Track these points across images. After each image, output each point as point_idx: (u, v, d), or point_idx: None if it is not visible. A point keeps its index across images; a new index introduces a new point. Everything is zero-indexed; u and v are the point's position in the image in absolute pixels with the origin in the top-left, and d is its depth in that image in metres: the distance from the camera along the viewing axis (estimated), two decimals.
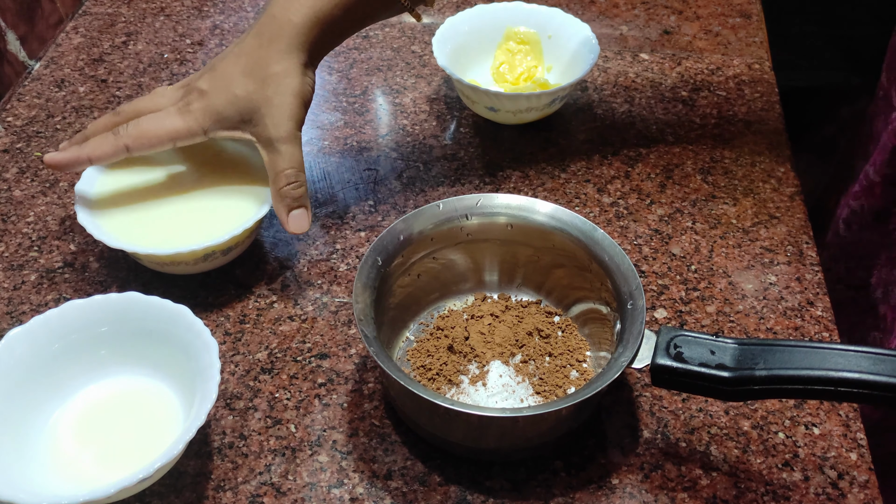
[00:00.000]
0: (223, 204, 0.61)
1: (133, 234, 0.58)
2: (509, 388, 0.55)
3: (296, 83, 0.57)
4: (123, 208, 0.60)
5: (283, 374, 0.57)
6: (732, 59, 0.84)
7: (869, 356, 0.43)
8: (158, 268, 0.60)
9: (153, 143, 0.57)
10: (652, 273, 0.64)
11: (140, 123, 0.57)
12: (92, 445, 0.51)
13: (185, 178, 0.63)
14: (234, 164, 0.63)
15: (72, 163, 0.58)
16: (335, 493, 0.51)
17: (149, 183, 0.62)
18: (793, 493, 0.51)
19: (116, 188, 0.61)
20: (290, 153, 0.57)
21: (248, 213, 0.59)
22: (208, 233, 0.58)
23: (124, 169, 0.62)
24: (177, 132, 0.57)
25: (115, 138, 0.57)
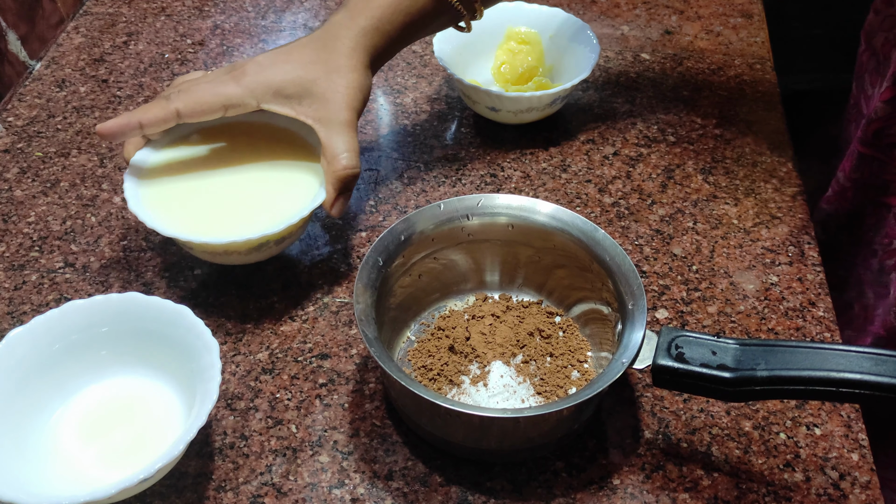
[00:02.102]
0: (277, 192, 0.59)
1: (185, 223, 0.56)
2: (510, 388, 0.54)
3: (360, 78, 0.58)
4: (174, 196, 0.58)
5: (284, 375, 0.57)
6: (734, 59, 0.84)
7: (870, 357, 0.43)
8: (209, 258, 0.59)
9: (205, 109, 0.56)
10: (653, 273, 0.63)
11: (192, 89, 0.56)
12: (93, 446, 0.51)
13: (235, 164, 0.61)
14: (285, 150, 0.62)
15: (122, 128, 0.56)
16: (336, 494, 0.51)
17: (198, 169, 0.60)
18: (794, 493, 0.51)
19: (166, 175, 0.59)
20: (349, 137, 0.57)
21: (302, 201, 0.58)
22: (262, 221, 0.56)
23: (173, 155, 0.61)
24: (229, 99, 0.56)
25: (167, 102, 0.56)
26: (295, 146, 0.62)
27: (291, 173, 0.60)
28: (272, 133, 0.63)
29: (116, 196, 0.70)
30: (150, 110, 0.56)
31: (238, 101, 0.56)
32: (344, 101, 0.57)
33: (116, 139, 0.57)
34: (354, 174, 0.57)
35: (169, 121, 0.56)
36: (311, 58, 0.57)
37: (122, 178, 0.71)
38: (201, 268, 0.64)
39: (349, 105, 0.57)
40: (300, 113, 0.58)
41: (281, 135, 0.63)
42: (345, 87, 0.57)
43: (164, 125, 0.57)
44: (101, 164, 0.72)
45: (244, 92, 0.56)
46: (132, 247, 0.65)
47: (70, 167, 0.72)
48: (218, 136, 0.62)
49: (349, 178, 0.57)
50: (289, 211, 0.57)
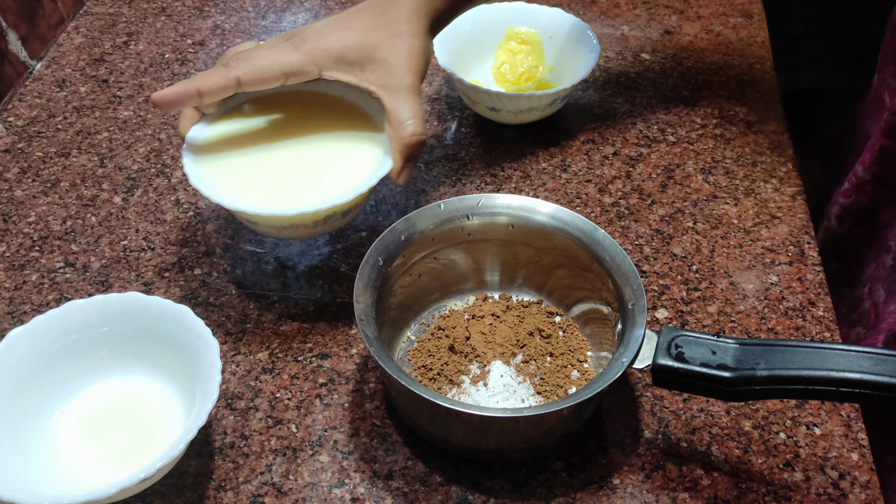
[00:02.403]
0: (340, 162, 0.57)
1: (250, 197, 0.54)
2: (510, 388, 0.54)
3: (422, 43, 0.57)
4: (235, 169, 0.56)
5: (284, 374, 0.57)
6: (734, 59, 0.84)
7: (870, 356, 0.43)
8: (274, 232, 0.58)
9: (265, 77, 0.54)
10: (653, 273, 0.64)
11: (251, 56, 0.54)
12: (93, 445, 0.51)
13: (293, 136, 0.59)
14: (343, 119, 0.60)
15: (180, 97, 0.53)
16: (336, 493, 0.51)
17: (257, 142, 0.58)
18: (794, 493, 0.51)
19: (224, 148, 0.57)
20: (414, 103, 0.55)
21: (367, 170, 0.56)
22: (328, 193, 0.54)
23: (229, 128, 0.59)
24: (290, 66, 0.54)
25: (226, 70, 0.54)
26: (351, 115, 0.60)
27: (352, 143, 0.58)
28: (327, 102, 0.61)
29: (117, 196, 0.70)
30: (209, 78, 0.53)
31: (299, 69, 0.54)
32: (407, 67, 0.55)
33: (173, 108, 0.54)
34: (421, 141, 0.55)
35: (228, 89, 0.54)
36: (371, 23, 0.56)
37: (121, 178, 0.71)
38: (201, 267, 0.64)
39: (413, 70, 0.55)
40: (363, 80, 0.56)
41: (336, 104, 0.61)
42: (407, 52, 0.55)
43: (223, 94, 0.54)
44: (101, 164, 0.72)
45: (305, 59, 0.54)
46: (132, 247, 0.65)
47: (70, 167, 0.72)
48: (272, 108, 0.60)
49: (416, 145, 0.55)
50: (356, 181, 0.55)
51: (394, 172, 0.56)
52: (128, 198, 0.69)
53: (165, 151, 0.74)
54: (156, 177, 0.71)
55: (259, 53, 0.54)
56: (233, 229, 0.67)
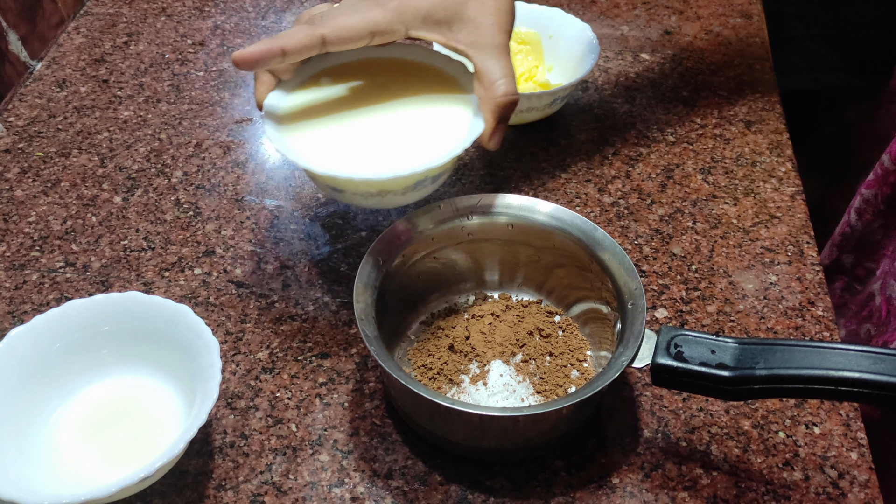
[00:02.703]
0: (426, 126, 0.55)
1: (337, 162, 0.52)
2: (510, 387, 0.55)
3: (508, 2, 0.55)
4: (320, 137, 0.54)
5: (284, 374, 0.57)
6: (733, 60, 0.84)
7: (869, 356, 0.43)
8: (360, 200, 0.55)
9: (351, 36, 0.51)
10: (652, 273, 0.64)
11: (335, 15, 0.52)
12: (93, 444, 0.51)
13: (375, 102, 0.57)
14: (423, 84, 0.58)
15: (263, 55, 0.51)
16: (336, 493, 0.51)
17: (340, 110, 0.56)
18: (793, 492, 0.51)
19: (307, 117, 0.55)
20: (505, 62, 0.53)
21: (456, 133, 0.54)
22: (420, 157, 0.52)
23: (309, 97, 0.57)
24: (377, 24, 0.52)
25: (311, 28, 0.51)
26: (433, 78, 0.58)
27: (438, 106, 0.56)
28: (405, 67, 0.59)
29: (117, 196, 0.70)
30: (293, 36, 0.51)
31: (386, 28, 0.52)
32: (497, 24, 0.53)
33: (256, 67, 0.51)
34: (514, 101, 0.53)
35: (313, 48, 0.51)
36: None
37: (122, 178, 0.71)
38: (201, 267, 0.64)
39: (502, 28, 0.53)
40: (451, 39, 0.54)
41: (414, 68, 0.59)
42: (496, 9, 0.53)
43: (307, 53, 0.51)
44: (101, 163, 0.72)
45: (392, 17, 0.52)
46: (132, 246, 0.65)
47: (70, 167, 0.72)
48: (350, 76, 0.58)
49: (509, 105, 0.53)
50: (447, 144, 0.53)
51: (485, 135, 0.53)
52: (128, 197, 0.69)
53: (165, 151, 0.74)
54: (156, 177, 0.71)
55: (343, 12, 0.52)
56: (233, 229, 0.67)
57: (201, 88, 0.80)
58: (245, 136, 0.75)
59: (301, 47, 0.51)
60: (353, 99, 0.57)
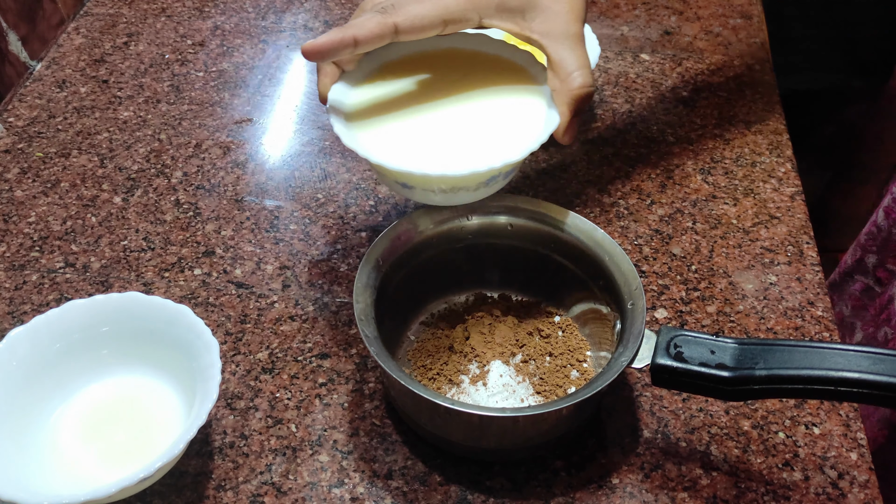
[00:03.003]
0: (498, 119, 0.53)
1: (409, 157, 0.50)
2: (510, 387, 0.55)
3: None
4: (389, 132, 0.52)
5: (284, 374, 0.57)
6: (733, 60, 0.84)
7: (869, 356, 0.43)
8: (431, 196, 0.53)
9: (424, 25, 0.49)
10: (652, 273, 0.64)
11: (406, 3, 0.50)
12: (93, 445, 0.51)
13: (444, 96, 0.55)
14: (491, 75, 0.56)
15: (335, 45, 0.49)
16: (336, 493, 0.51)
17: (408, 104, 0.54)
18: (793, 492, 0.51)
19: (374, 112, 0.54)
20: (581, 52, 0.51)
21: (530, 126, 0.52)
22: (494, 151, 0.50)
23: (374, 91, 0.55)
24: (450, 13, 0.50)
25: (383, 17, 0.49)
26: (501, 69, 0.56)
27: (509, 98, 0.54)
28: (470, 58, 0.57)
29: (117, 196, 0.70)
30: (364, 26, 0.49)
31: (459, 16, 0.50)
32: (572, 13, 0.51)
33: (326, 58, 0.49)
34: (591, 93, 0.51)
35: (385, 37, 0.49)
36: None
37: (121, 178, 0.71)
38: (201, 267, 0.64)
39: (577, 16, 0.51)
40: (524, 28, 0.51)
41: (480, 59, 0.57)
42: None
43: (378, 42, 0.49)
44: (101, 164, 0.72)
45: (466, 5, 0.50)
46: (132, 247, 0.65)
47: (70, 167, 0.72)
48: (415, 69, 0.56)
49: (585, 97, 0.51)
50: (521, 137, 0.51)
51: (561, 128, 0.51)
52: (128, 198, 0.70)
53: (165, 152, 0.74)
54: (156, 177, 0.71)
55: (415, 1, 0.50)
56: (233, 229, 0.67)
57: (201, 89, 0.80)
58: (245, 136, 0.75)
59: (373, 36, 0.49)
60: (421, 92, 0.55)
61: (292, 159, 0.73)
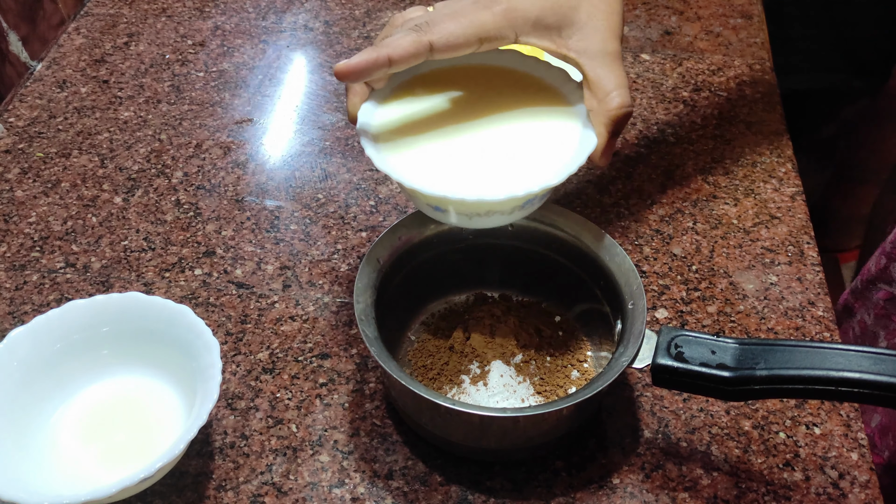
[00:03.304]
0: (533, 140, 0.51)
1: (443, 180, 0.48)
2: (510, 387, 0.55)
3: (619, 5, 0.51)
4: (423, 153, 0.50)
5: (285, 374, 0.57)
6: (733, 60, 0.84)
7: (869, 356, 0.43)
8: (465, 221, 0.51)
9: (459, 43, 0.47)
10: (653, 273, 0.64)
11: (440, 20, 0.48)
12: (93, 445, 0.51)
13: (477, 114, 0.52)
14: (524, 94, 0.54)
15: (369, 66, 0.47)
16: (336, 493, 0.51)
17: (440, 123, 0.52)
18: (794, 493, 0.51)
19: (405, 132, 0.51)
20: (619, 71, 0.50)
21: (567, 145, 0.50)
22: (529, 174, 0.48)
23: (404, 109, 0.52)
24: (486, 30, 0.48)
25: (417, 35, 0.47)
26: (533, 87, 0.54)
27: (543, 117, 0.52)
28: (503, 75, 0.55)
29: (117, 196, 0.70)
30: (399, 44, 0.47)
31: (496, 34, 0.48)
32: (609, 30, 0.49)
33: (360, 78, 0.48)
34: (629, 113, 0.49)
35: (420, 56, 0.47)
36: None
37: (122, 178, 0.71)
38: (201, 268, 0.64)
39: (615, 34, 0.50)
40: (561, 45, 0.50)
41: (513, 76, 0.55)
42: (607, 14, 0.50)
43: (413, 62, 0.48)
44: (101, 164, 0.72)
45: (502, 22, 0.48)
46: (132, 247, 0.65)
47: (71, 168, 0.72)
48: (445, 85, 0.54)
49: (624, 117, 0.49)
50: (559, 159, 0.49)
51: (598, 150, 0.49)
52: (128, 198, 0.70)
53: (166, 152, 0.74)
54: (156, 177, 0.71)
55: (448, 16, 0.48)
56: (233, 229, 0.67)
57: (201, 89, 0.80)
58: (245, 136, 0.75)
59: (408, 55, 0.47)
60: (452, 111, 0.53)
61: (293, 159, 0.73)
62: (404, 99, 0.53)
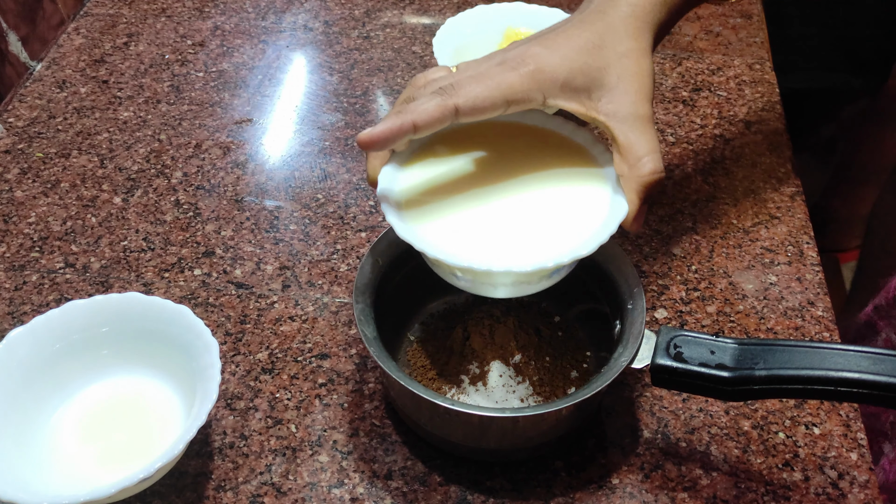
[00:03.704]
0: (564, 205, 0.49)
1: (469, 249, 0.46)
2: (509, 388, 0.55)
3: (650, 66, 0.49)
4: (447, 218, 0.48)
5: (284, 375, 0.57)
6: (733, 60, 0.84)
7: (869, 356, 0.43)
8: (490, 290, 0.49)
9: (486, 106, 0.46)
10: (652, 273, 0.64)
11: (466, 82, 0.46)
12: (93, 445, 0.51)
13: (501, 177, 0.50)
14: (550, 154, 0.52)
15: (394, 134, 0.45)
16: (336, 493, 0.51)
17: (464, 188, 0.50)
18: (793, 493, 0.51)
19: (429, 194, 0.49)
20: (650, 135, 0.48)
21: (595, 211, 0.48)
22: (560, 242, 0.46)
23: (426, 172, 0.50)
24: (514, 93, 0.46)
25: (442, 99, 0.45)
26: (561, 148, 0.52)
27: (572, 181, 0.50)
28: (528, 134, 0.53)
29: (117, 196, 0.70)
30: (424, 110, 0.45)
31: (523, 97, 0.46)
32: (640, 92, 0.48)
33: (385, 147, 0.46)
34: (661, 179, 0.47)
35: (445, 121, 0.46)
36: (594, 40, 0.48)
37: (121, 178, 0.71)
38: (201, 268, 0.64)
39: (647, 96, 0.48)
40: (590, 108, 0.48)
41: (539, 135, 0.53)
42: (638, 76, 0.48)
43: (438, 126, 0.46)
44: (101, 164, 0.72)
45: (530, 85, 0.46)
46: (132, 247, 0.65)
47: (70, 168, 0.72)
48: (468, 143, 0.52)
49: (656, 184, 0.47)
50: (587, 226, 0.47)
51: (629, 217, 0.47)
52: (128, 198, 0.70)
53: (165, 152, 0.74)
54: (156, 177, 0.71)
55: (473, 77, 0.46)
56: (233, 229, 0.67)
57: (201, 89, 0.80)
58: (244, 136, 0.75)
59: (433, 121, 0.45)
60: (476, 174, 0.51)
61: (292, 159, 0.73)
62: (426, 160, 0.51)
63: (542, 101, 0.47)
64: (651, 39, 0.49)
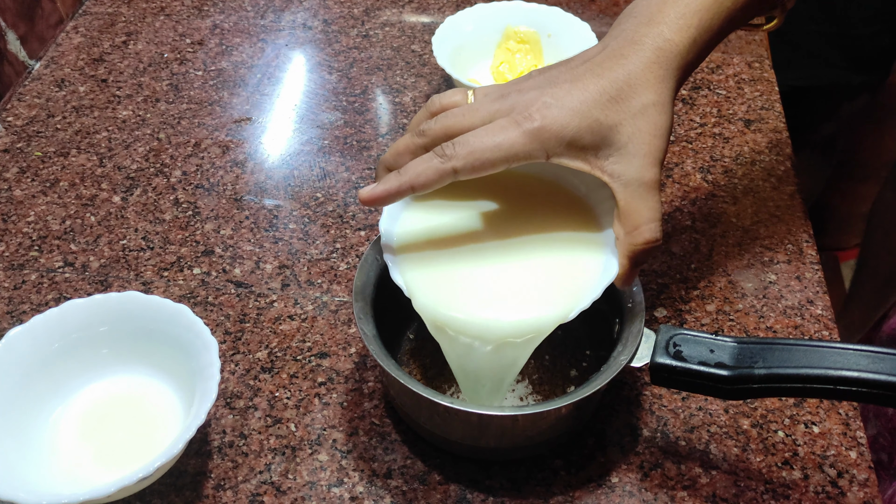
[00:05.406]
0: (559, 266, 0.49)
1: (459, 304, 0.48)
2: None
3: (667, 122, 0.47)
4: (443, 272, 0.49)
5: (283, 374, 0.57)
6: (732, 58, 0.84)
7: (868, 355, 0.43)
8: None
9: (485, 165, 0.45)
10: (652, 272, 0.64)
11: (468, 141, 0.45)
12: (92, 444, 0.51)
13: (503, 228, 0.51)
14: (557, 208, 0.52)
15: (391, 195, 0.46)
16: (335, 492, 0.51)
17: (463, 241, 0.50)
18: (792, 491, 0.51)
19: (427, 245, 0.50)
20: (654, 203, 0.46)
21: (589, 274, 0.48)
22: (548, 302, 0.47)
23: (428, 218, 0.51)
24: (515, 153, 0.45)
25: (441, 161, 0.45)
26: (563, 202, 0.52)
27: (566, 244, 0.50)
28: (533, 184, 0.53)
29: (116, 195, 0.70)
30: (422, 172, 0.46)
31: (525, 155, 0.45)
32: (650, 155, 0.46)
33: (385, 204, 0.47)
34: (657, 247, 0.47)
35: (444, 182, 0.46)
36: (610, 91, 0.45)
37: (120, 177, 0.71)
38: (200, 267, 0.64)
39: (656, 159, 0.46)
40: (595, 166, 0.46)
41: (542, 187, 0.53)
42: (651, 136, 0.46)
43: (437, 186, 0.46)
44: (100, 163, 0.72)
45: (533, 144, 0.45)
46: (131, 246, 0.65)
47: (69, 167, 0.72)
48: (471, 193, 0.52)
49: (649, 252, 0.47)
50: (577, 290, 0.48)
51: (619, 279, 0.47)
52: (127, 197, 0.69)
53: (164, 151, 0.74)
54: (155, 176, 0.71)
55: (476, 137, 0.46)
56: (232, 228, 0.67)
57: (200, 88, 0.80)
58: (244, 135, 0.75)
59: (431, 183, 0.46)
60: (476, 226, 0.51)
61: (291, 158, 0.73)
62: (429, 202, 0.52)
63: (545, 158, 0.46)
64: (674, 86, 0.47)
